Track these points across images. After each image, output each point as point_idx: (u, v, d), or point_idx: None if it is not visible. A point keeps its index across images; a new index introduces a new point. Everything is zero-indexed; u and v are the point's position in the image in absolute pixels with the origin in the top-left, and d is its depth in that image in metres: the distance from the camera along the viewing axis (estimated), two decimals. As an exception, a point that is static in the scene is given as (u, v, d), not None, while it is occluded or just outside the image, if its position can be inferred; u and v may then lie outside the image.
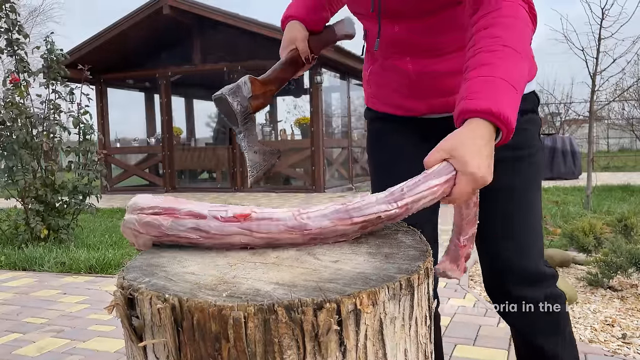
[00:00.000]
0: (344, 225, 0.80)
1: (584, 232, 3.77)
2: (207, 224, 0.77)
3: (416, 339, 0.71)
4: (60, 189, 5.08)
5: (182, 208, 0.79)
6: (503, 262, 1.24)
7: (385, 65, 1.31)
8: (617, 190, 8.25)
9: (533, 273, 1.24)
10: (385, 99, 1.37)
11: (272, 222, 0.77)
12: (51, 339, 2.66)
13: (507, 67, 0.94)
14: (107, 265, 4.15)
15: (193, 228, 0.78)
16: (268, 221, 0.77)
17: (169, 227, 0.78)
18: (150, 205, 0.80)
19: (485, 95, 0.91)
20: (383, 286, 0.64)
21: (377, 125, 1.42)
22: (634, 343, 2.35)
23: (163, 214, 0.79)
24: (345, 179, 11.03)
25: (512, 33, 0.97)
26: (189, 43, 10.53)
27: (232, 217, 0.77)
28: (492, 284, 1.30)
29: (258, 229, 0.77)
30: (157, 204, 0.80)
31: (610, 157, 17.51)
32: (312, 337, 0.59)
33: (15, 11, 5.08)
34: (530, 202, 1.26)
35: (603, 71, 6.10)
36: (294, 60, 1.30)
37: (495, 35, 0.97)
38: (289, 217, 0.78)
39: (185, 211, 0.78)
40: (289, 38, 1.31)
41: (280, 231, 0.78)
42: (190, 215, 0.78)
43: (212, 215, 0.77)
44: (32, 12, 25.22)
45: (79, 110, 5.23)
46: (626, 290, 3.07)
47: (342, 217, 0.79)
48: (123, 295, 0.66)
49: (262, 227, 0.77)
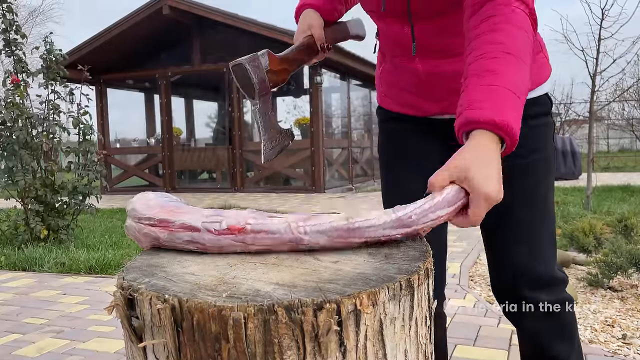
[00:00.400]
0: (342, 244, 0.79)
1: (584, 232, 3.77)
2: (201, 236, 0.77)
3: (416, 340, 0.71)
4: (60, 190, 5.08)
5: (175, 221, 0.78)
6: (517, 266, 1.22)
7: (396, 64, 1.31)
8: (617, 190, 8.25)
9: (548, 277, 1.23)
10: (396, 98, 1.37)
11: (267, 236, 0.76)
12: (51, 339, 2.65)
13: (509, 75, 0.91)
14: (106, 265, 4.15)
15: (189, 241, 0.78)
16: (263, 234, 0.76)
17: (166, 240, 0.79)
18: (146, 215, 0.80)
19: (489, 104, 0.87)
20: (383, 287, 0.63)
21: (389, 125, 1.41)
22: (634, 343, 2.35)
23: (158, 226, 0.79)
24: (345, 179, 11.04)
25: (513, 39, 0.94)
26: (188, 43, 10.54)
27: (226, 229, 0.76)
28: (504, 287, 1.28)
29: (253, 242, 0.77)
30: (152, 214, 0.80)
31: (610, 157, 17.51)
32: (312, 338, 0.59)
33: (12, 11, 5.08)
34: (545, 205, 1.25)
35: (603, 71, 6.10)
36: (310, 46, 1.26)
37: (497, 41, 0.94)
38: (285, 230, 0.76)
39: (179, 224, 0.78)
40: (305, 24, 1.28)
41: (276, 244, 0.77)
42: (183, 228, 0.77)
43: (206, 228, 0.76)
44: (31, 13, 25.23)
45: (79, 110, 5.23)
46: (626, 291, 3.07)
47: (341, 236, 0.77)
48: (123, 296, 0.66)
49: (258, 240, 0.77)
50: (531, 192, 1.23)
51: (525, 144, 0.99)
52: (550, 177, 1.27)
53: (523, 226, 1.23)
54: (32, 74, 5.14)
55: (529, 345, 1.30)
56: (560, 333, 1.25)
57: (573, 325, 1.28)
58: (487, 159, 0.84)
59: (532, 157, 1.21)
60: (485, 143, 0.86)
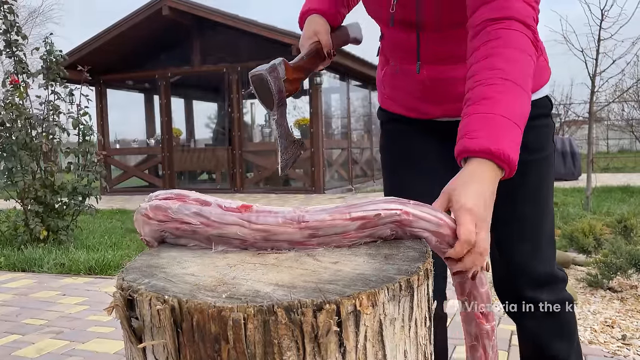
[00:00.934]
0: (342, 220, 0.79)
1: (583, 233, 3.77)
2: (209, 210, 0.80)
3: (416, 340, 0.71)
4: (59, 190, 5.08)
5: (191, 195, 0.83)
6: (518, 265, 1.24)
7: (400, 68, 1.31)
8: (616, 191, 8.25)
9: (548, 276, 1.25)
10: (400, 101, 1.37)
11: (270, 214, 0.79)
12: (50, 340, 2.65)
13: (507, 103, 0.91)
14: (106, 266, 4.15)
15: (195, 213, 0.80)
16: (267, 213, 0.79)
17: (175, 211, 0.81)
18: (165, 195, 0.84)
19: (485, 133, 0.88)
20: (383, 287, 0.64)
21: (391, 126, 1.42)
22: (634, 344, 2.35)
23: (174, 198, 0.82)
24: (345, 180, 11.04)
25: (513, 65, 0.93)
26: (188, 44, 10.54)
27: (234, 207, 0.80)
28: (505, 287, 1.29)
29: (256, 220, 0.79)
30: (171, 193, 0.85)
31: (610, 158, 17.51)
32: (312, 339, 0.59)
33: (13, 12, 5.08)
34: (545, 205, 1.27)
35: (602, 72, 6.10)
36: (319, 52, 1.26)
37: (496, 67, 0.93)
38: (288, 211, 0.80)
39: (194, 197, 0.82)
40: (311, 30, 1.26)
41: (278, 223, 0.78)
42: (197, 201, 0.81)
43: (217, 204, 0.80)
44: (31, 13, 25.24)
45: (79, 111, 5.23)
46: (626, 292, 3.07)
47: (340, 211, 0.80)
48: (122, 297, 0.66)
49: (261, 218, 0.79)
50: (534, 190, 1.25)
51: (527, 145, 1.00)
52: (551, 177, 1.29)
53: (526, 223, 1.24)
54: (32, 75, 5.14)
55: (529, 345, 1.31)
56: (559, 332, 1.26)
57: (572, 324, 1.29)
58: (475, 181, 0.86)
59: (534, 156, 1.22)
60: (481, 169, 0.88)
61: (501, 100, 0.91)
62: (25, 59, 5.16)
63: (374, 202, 0.82)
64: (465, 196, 0.83)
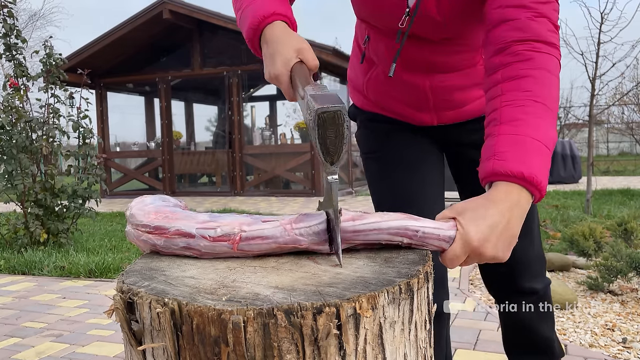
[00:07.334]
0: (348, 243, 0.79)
1: (584, 236, 3.77)
2: (197, 243, 0.77)
3: (416, 343, 0.71)
4: (59, 193, 5.08)
5: (170, 227, 0.78)
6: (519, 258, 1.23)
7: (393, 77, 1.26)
8: (617, 194, 8.25)
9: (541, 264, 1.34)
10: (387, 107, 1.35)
11: (263, 241, 0.76)
12: (50, 343, 2.65)
13: (538, 125, 0.86)
14: (106, 269, 4.15)
15: (185, 247, 0.78)
16: (259, 240, 0.76)
17: (163, 246, 0.79)
18: (142, 222, 0.81)
19: (516, 156, 0.83)
20: (382, 290, 0.64)
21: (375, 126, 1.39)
22: (635, 347, 2.35)
23: (154, 233, 0.79)
24: (344, 183, 11.03)
25: (542, 87, 0.90)
26: (188, 47, 10.55)
27: (221, 236, 0.76)
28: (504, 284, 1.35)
29: (250, 249, 0.77)
30: (148, 221, 0.80)
31: (610, 161, 17.52)
32: (312, 342, 0.59)
33: (13, 16, 5.09)
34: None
35: (602, 75, 6.11)
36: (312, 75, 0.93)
37: (526, 88, 0.89)
38: (281, 233, 0.76)
39: (174, 230, 0.78)
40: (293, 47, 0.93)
41: (273, 248, 0.77)
42: (179, 234, 0.78)
43: (200, 235, 0.77)
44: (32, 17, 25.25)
45: (79, 114, 5.24)
46: (626, 295, 3.07)
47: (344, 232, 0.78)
48: (122, 299, 0.66)
49: (254, 246, 0.77)
50: None
51: None
52: None
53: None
54: (32, 78, 5.14)
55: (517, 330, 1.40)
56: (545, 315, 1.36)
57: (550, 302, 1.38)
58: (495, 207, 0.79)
59: None
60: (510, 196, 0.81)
61: (531, 123, 0.87)
62: (25, 63, 5.16)
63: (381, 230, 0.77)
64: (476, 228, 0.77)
